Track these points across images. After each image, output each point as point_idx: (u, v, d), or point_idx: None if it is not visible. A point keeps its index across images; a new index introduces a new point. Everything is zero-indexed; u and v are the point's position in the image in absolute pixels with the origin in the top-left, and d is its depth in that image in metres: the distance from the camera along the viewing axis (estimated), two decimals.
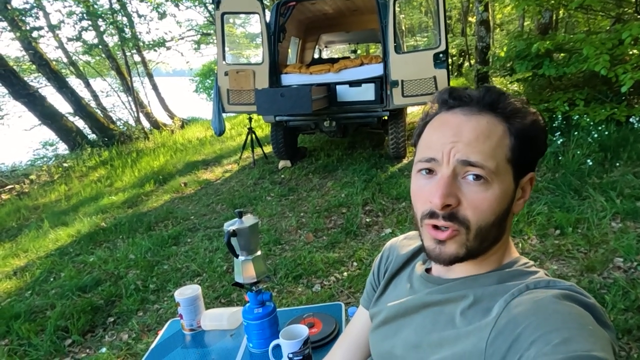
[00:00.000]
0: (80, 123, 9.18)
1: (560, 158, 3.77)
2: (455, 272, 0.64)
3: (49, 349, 2.27)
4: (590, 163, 3.53)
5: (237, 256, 1.22)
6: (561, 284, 0.55)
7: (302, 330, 1.13)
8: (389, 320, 0.71)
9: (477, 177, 0.56)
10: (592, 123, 4.08)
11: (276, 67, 4.94)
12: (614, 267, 2.27)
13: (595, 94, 4.63)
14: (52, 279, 3.17)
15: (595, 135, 3.89)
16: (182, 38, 11.86)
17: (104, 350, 2.19)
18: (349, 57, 6.07)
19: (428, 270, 0.71)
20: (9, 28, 7.72)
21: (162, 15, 9.16)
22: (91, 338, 2.40)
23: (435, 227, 0.59)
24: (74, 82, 10.18)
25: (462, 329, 0.56)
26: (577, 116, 4.25)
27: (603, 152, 3.68)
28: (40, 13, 9.26)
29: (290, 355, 1.11)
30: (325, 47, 8.31)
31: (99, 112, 9.89)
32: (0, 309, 2.73)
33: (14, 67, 8.36)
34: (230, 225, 1.19)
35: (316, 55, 7.54)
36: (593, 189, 3.17)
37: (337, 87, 4.83)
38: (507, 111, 0.59)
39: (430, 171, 0.60)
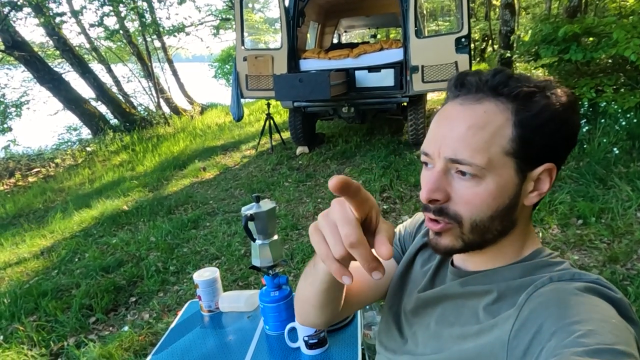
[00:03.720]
0: (102, 108, 9.35)
1: (585, 146, 3.67)
2: (476, 264, 0.63)
3: (75, 326, 2.36)
4: (617, 151, 3.43)
5: (254, 240, 1.23)
6: (587, 276, 0.53)
7: None
8: (411, 310, 0.70)
9: (465, 174, 0.54)
10: (620, 110, 3.94)
11: (295, 52, 4.91)
12: (638, 259, 2.22)
13: (625, 79, 4.46)
14: (77, 259, 3.28)
15: (623, 123, 3.76)
16: (202, 23, 11.87)
17: (126, 328, 2.27)
18: (368, 42, 5.98)
19: (452, 263, 0.69)
20: (33, 14, 7.86)
21: (182, 0, 9.18)
22: (114, 316, 2.49)
23: (431, 219, 0.58)
24: (96, 68, 10.36)
25: (485, 323, 0.55)
26: (604, 103, 4.11)
27: (631, 140, 3.57)
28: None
29: (306, 339, 1.12)
30: (345, 31, 8.21)
31: (121, 97, 10.04)
32: (28, 286, 2.85)
33: (39, 52, 8.54)
34: (247, 210, 1.20)
35: (335, 40, 7.46)
36: (619, 178, 3.08)
37: (356, 72, 4.78)
38: (512, 96, 0.53)
39: (427, 164, 0.59)
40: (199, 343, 1.27)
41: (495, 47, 11.60)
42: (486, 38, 13.98)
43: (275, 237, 1.26)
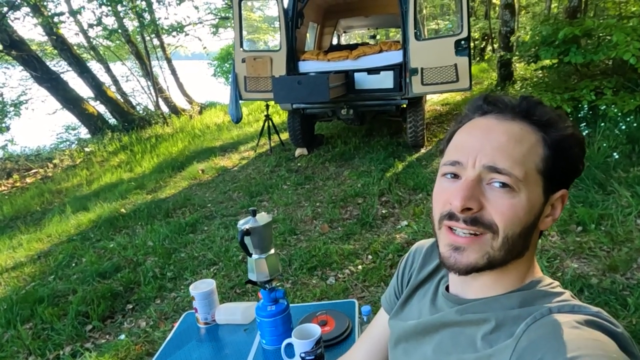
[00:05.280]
0: (101, 108, 9.32)
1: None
2: (474, 291, 0.62)
3: (71, 334, 2.35)
4: (617, 156, 3.41)
5: (250, 255, 1.22)
6: (587, 309, 0.52)
7: (315, 329, 1.13)
8: (409, 337, 0.69)
9: (504, 185, 0.54)
10: (620, 113, 3.92)
11: (294, 53, 4.89)
12: (637, 268, 2.20)
13: (625, 82, 4.44)
14: (74, 264, 3.26)
15: (623, 127, 3.74)
16: (201, 22, 11.83)
17: (122, 337, 2.25)
18: (367, 44, 5.96)
19: (447, 288, 0.69)
20: (31, 14, 7.82)
21: (181, 0, 9.14)
22: (111, 324, 2.47)
23: (453, 232, 0.57)
24: (95, 67, 10.32)
25: (482, 352, 0.55)
26: (604, 106, 4.09)
27: (631, 144, 3.55)
28: None
29: (303, 355, 1.11)
30: (344, 32, 8.18)
31: (119, 96, 10.01)
32: (25, 292, 2.83)
33: (37, 51, 8.50)
34: (244, 224, 1.19)
35: (335, 41, 7.44)
36: (618, 184, 3.06)
37: (355, 74, 4.76)
38: (544, 120, 0.57)
39: (455, 176, 0.58)
40: (195, 356, 1.26)
41: (495, 46, 11.57)
42: (486, 37, 13.95)
43: (272, 251, 1.25)
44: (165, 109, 10.73)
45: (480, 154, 0.55)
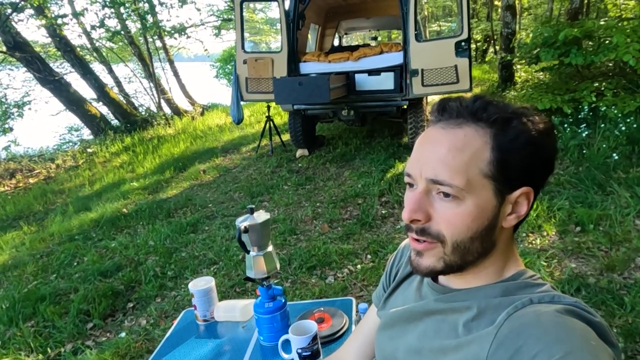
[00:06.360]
0: (103, 109, 9.36)
1: (584, 151, 3.66)
2: (458, 283, 0.64)
3: (72, 332, 2.37)
4: (617, 157, 3.41)
5: (248, 252, 1.24)
6: (566, 299, 0.54)
7: (311, 326, 1.15)
8: (394, 324, 0.72)
9: (446, 195, 0.56)
10: (620, 115, 3.93)
11: (295, 55, 4.91)
12: (635, 267, 2.21)
13: (625, 83, 4.45)
14: (75, 263, 3.29)
15: (623, 128, 3.75)
16: (203, 24, 11.87)
17: (123, 335, 2.27)
18: (368, 45, 5.98)
19: (435, 279, 0.71)
20: (35, 15, 7.87)
21: (183, 2, 9.17)
22: (111, 322, 2.49)
23: (414, 239, 0.61)
24: (97, 68, 10.36)
25: (463, 338, 0.57)
26: (604, 107, 4.10)
27: (631, 145, 3.56)
28: (65, 0, 9.45)
29: (299, 351, 1.12)
30: (345, 33, 8.20)
31: (122, 98, 10.05)
32: (27, 291, 2.85)
33: (41, 53, 8.54)
34: (242, 222, 1.20)
35: (336, 42, 7.46)
36: (618, 184, 3.07)
37: (356, 75, 4.77)
38: (490, 121, 0.56)
39: (411, 185, 0.61)
40: (193, 353, 1.28)
41: (497, 48, 11.57)
42: (488, 39, 13.95)
43: (270, 248, 1.26)
44: (167, 110, 10.76)
45: (424, 167, 0.57)
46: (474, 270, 0.62)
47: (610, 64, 5.17)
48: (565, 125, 4.10)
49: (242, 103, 5.32)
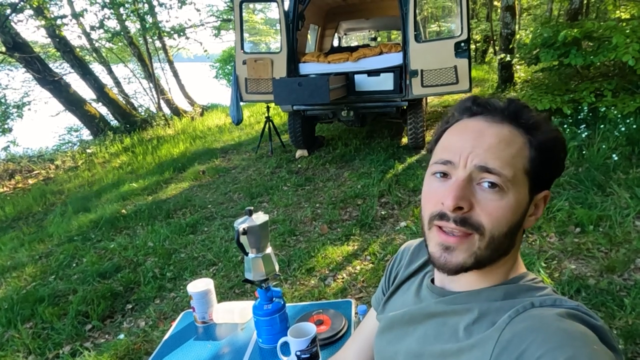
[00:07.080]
0: (103, 110, 9.35)
1: (584, 152, 3.65)
2: (460, 284, 0.63)
3: (71, 333, 2.36)
4: (616, 158, 3.41)
5: (246, 254, 1.23)
6: (568, 303, 0.54)
7: (310, 328, 1.14)
8: (393, 327, 0.71)
9: (493, 185, 0.55)
10: (619, 115, 3.92)
11: (294, 55, 4.91)
12: (635, 269, 2.20)
13: (625, 84, 4.44)
14: (74, 264, 3.28)
15: (623, 129, 3.74)
16: (203, 25, 11.86)
17: (122, 336, 2.26)
18: (368, 45, 5.98)
19: (432, 281, 0.70)
20: (34, 16, 7.86)
21: (183, 3, 9.16)
22: (110, 324, 2.48)
23: (444, 231, 0.58)
24: (97, 69, 10.35)
25: (464, 342, 0.56)
26: (604, 108, 4.10)
27: (630, 146, 3.55)
28: (65, 0, 9.44)
29: (298, 353, 1.12)
30: (345, 34, 8.20)
31: (121, 98, 10.04)
32: (25, 292, 2.85)
33: (40, 53, 8.53)
34: (240, 224, 1.20)
35: (335, 43, 7.46)
36: (618, 185, 3.07)
37: (356, 76, 4.77)
38: (530, 124, 0.59)
39: (444, 175, 0.59)
40: (192, 355, 1.27)
41: (497, 48, 11.58)
42: (487, 39, 13.95)
43: (268, 250, 1.26)
44: (167, 110, 10.74)
45: (472, 155, 0.56)
46: (488, 269, 0.61)
47: (610, 65, 5.17)
48: (565, 126, 4.10)
49: (241, 104, 5.32)
